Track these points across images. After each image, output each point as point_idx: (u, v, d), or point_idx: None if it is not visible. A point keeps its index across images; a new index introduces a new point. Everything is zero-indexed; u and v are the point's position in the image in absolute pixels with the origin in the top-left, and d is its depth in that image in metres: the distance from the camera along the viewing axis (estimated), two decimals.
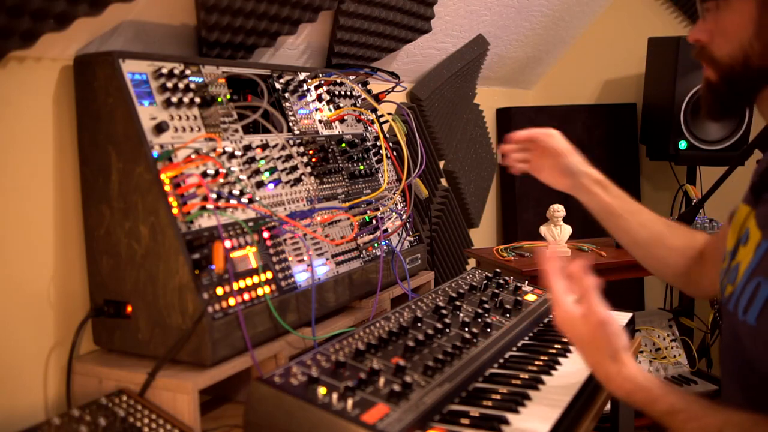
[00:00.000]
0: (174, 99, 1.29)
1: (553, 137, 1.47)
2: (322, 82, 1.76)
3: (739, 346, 1.12)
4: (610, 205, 1.42)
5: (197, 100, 1.35)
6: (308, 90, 1.70)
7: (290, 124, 1.61)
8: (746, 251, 1.11)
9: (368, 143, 1.84)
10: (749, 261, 1.09)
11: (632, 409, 1.75)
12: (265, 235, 1.37)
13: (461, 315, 1.44)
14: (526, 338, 1.49)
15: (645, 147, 3.19)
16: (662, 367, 2.64)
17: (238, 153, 1.40)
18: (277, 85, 1.62)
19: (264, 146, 1.48)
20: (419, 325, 1.35)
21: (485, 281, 1.69)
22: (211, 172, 1.29)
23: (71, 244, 1.32)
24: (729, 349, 1.18)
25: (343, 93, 1.83)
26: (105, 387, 1.22)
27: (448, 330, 1.35)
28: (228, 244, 1.26)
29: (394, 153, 1.93)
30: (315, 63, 1.98)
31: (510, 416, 1.08)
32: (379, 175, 1.85)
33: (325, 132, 1.72)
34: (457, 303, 1.48)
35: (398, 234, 1.80)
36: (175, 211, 1.21)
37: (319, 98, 1.74)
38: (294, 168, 1.53)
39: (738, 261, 1.13)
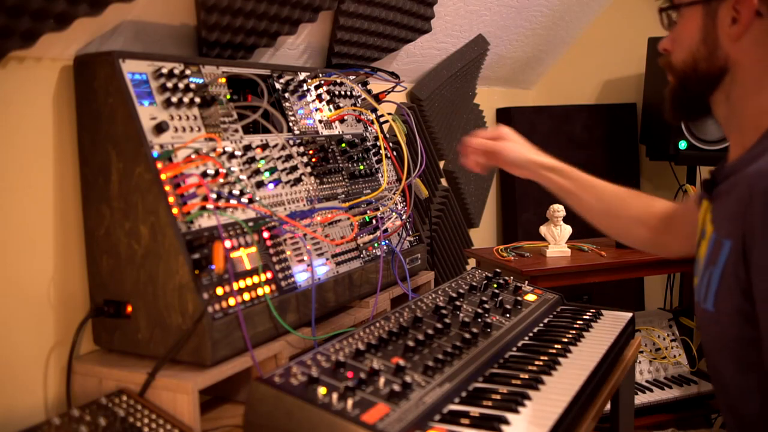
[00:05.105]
0: (174, 99, 1.29)
1: (500, 144, 1.56)
2: (322, 82, 1.75)
3: (705, 336, 1.21)
4: (564, 186, 1.53)
5: (197, 100, 1.35)
6: (308, 90, 1.70)
7: (290, 124, 1.61)
8: (703, 245, 1.19)
9: (368, 143, 1.84)
10: (704, 254, 1.17)
11: (632, 408, 1.76)
12: (265, 235, 1.37)
13: (461, 315, 1.44)
14: (526, 338, 1.49)
15: (645, 147, 3.18)
16: (662, 367, 2.63)
17: (238, 153, 1.40)
18: (277, 85, 1.62)
19: (264, 146, 1.48)
20: (419, 325, 1.35)
21: (485, 281, 1.69)
22: (211, 172, 1.29)
23: (71, 244, 1.32)
24: (703, 341, 1.27)
25: (343, 93, 1.83)
26: (105, 387, 1.22)
27: (448, 330, 1.35)
28: (228, 244, 1.26)
29: (394, 153, 1.92)
30: (315, 63, 1.98)
31: (510, 416, 1.08)
32: (379, 175, 1.85)
33: (325, 132, 1.72)
34: (457, 303, 1.48)
35: (398, 234, 1.80)
36: (175, 211, 1.21)
37: (319, 98, 1.74)
38: (294, 168, 1.53)
39: (699, 255, 1.22)
